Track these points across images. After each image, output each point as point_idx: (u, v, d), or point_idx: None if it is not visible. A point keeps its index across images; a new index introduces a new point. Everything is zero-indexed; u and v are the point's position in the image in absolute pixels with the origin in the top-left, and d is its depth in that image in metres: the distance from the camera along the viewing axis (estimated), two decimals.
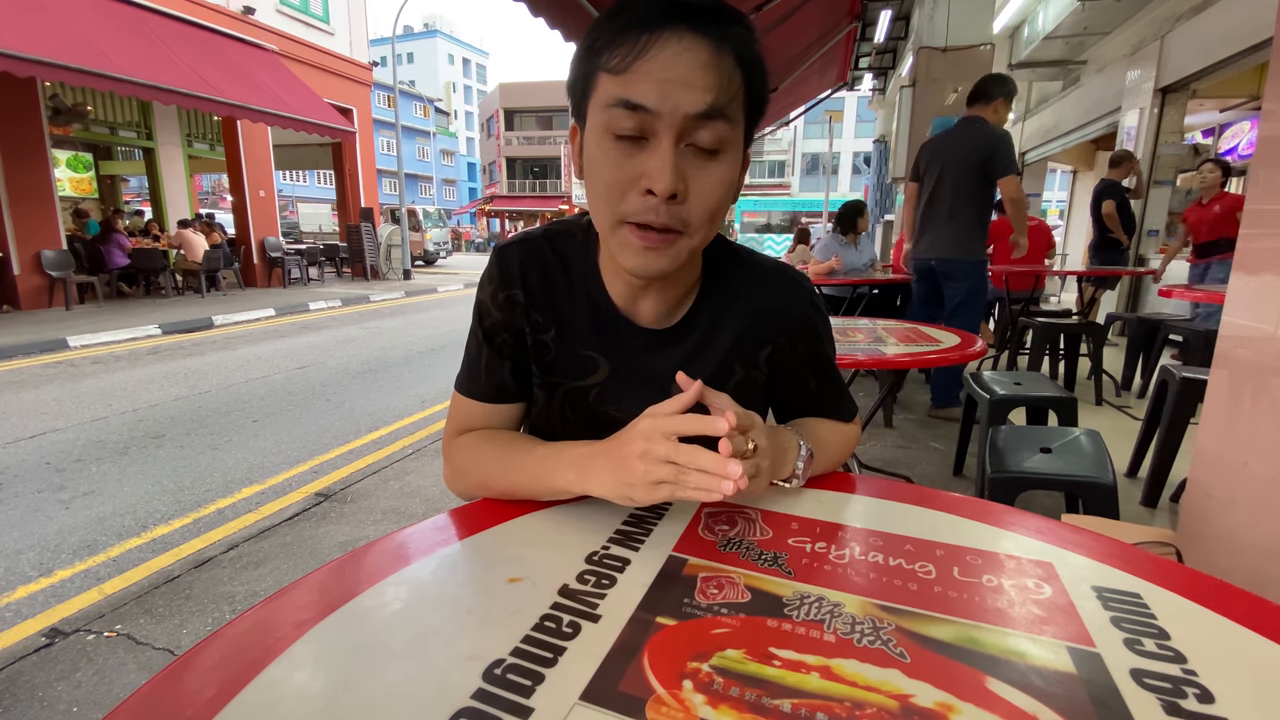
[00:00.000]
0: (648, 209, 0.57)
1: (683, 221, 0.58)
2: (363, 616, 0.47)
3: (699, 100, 0.54)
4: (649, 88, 0.54)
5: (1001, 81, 3.03)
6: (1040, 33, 7.13)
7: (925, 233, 3.20)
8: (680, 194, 0.56)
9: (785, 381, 0.78)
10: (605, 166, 0.57)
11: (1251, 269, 1.28)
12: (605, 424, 0.73)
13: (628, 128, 0.55)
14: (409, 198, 24.24)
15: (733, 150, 0.59)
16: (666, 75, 0.54)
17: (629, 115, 0.55)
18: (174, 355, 5.49)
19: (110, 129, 9.81)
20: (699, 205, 0.58)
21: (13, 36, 5.69)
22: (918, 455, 2.89)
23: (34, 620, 1.79)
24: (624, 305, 0.71)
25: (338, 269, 13.72)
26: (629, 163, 0.57)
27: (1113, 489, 1.37)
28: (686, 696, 0.38)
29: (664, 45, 0.54)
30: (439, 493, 2.63)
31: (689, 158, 0.57)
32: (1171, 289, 3.13)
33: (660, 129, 0.55)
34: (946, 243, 3.11)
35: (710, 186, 0.58)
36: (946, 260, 3.13)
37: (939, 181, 3.08)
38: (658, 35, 0.54)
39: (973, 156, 2.96)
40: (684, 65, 0.54)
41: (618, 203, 0.58)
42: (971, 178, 3.00)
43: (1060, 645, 0.43)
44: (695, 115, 0.55)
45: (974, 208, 3.06)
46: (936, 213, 3.12)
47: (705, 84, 0.54)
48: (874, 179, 13.01)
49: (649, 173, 0.56)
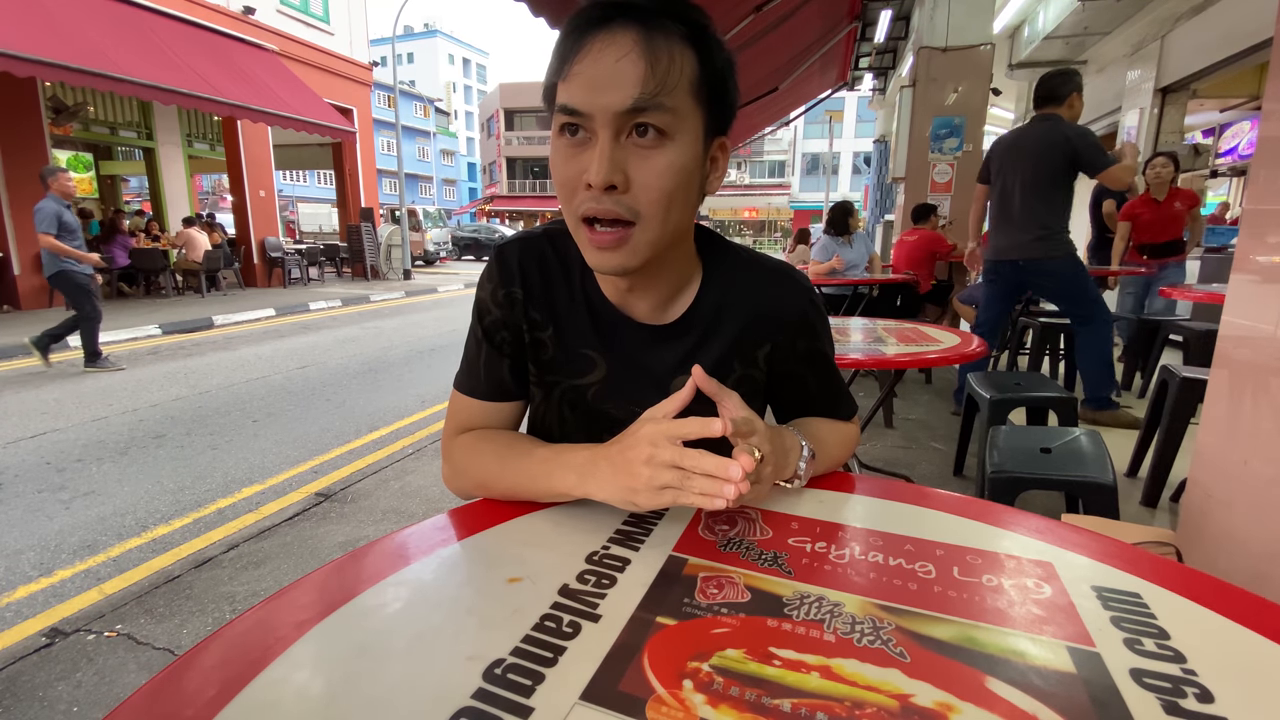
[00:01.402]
0: (593, 201, 0.58)
1: (630, 210, 0.59)
2: (363, 616, 0.47)
3: (624, 96, 0.55)
4: (579, 90, 0.56)
5: (1068, 77, 2.94)
6: (1040, 33, 7.13)
7: (1001, 233, 3.10)
8: (620, 184, 0.57)
9: (784, 380, 0.78)
10: (558, 167, 0.60)
11: (1251, 269, 1.28)
12: (603, 423, 0.73)
13: (570, 130, 0.58)
14: (409, 198, 24.22)
15: (681, 137, 0.58)
16: (593, 75, 0.56)
17: (568, 118, 0.57)
18: (174, 355, 5.49)
19: (110, 129, 9.82)
20: (645, 194, 0.58)
21: (13, 36, 5.70)
22: (918, 455, 2.89)
23: (34, 620, 1.79)
24: (619, 303, 0.72)
25: (338, 269, 13.73)
26: (575, 162, 0.59)
27: (1113, 489, 1.37)
28: (687, 696, 0.38)
29: (592, 46, 0.56)
30: (439, 493, 2.63)
31: (630, 149, 0.58)
32: (1172, 289, 3.14)
33: (595, 128, 0.57)
34: (1028, 244, 3.01)
35: (654, 175, 0.58)
36: (1032, 261, 3.03)
37: (1016, 181, 2.99)
38: (591, 37, 0.56)
39: (1053, 154, 2.88)
40: (610, 61, 0.55)
41: (570, 200, 0.60)
42: (1050, 176, 2.92)
43: (1060, 645, 0.43)
44: (623, 111, 0.56)
45: (1053, 206, 2.97)
46: (1013, 213, 3.02)
47: (632, 78, 0.55)
48: (874, 179, 13.04)
49: (588, 168, 0.57)
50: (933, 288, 4.73)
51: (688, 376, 0.59)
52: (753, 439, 0.59)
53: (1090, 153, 2.83)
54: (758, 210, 34.10)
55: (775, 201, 34.07)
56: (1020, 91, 9.84)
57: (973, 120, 5.45)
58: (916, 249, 4.60)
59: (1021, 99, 9.96)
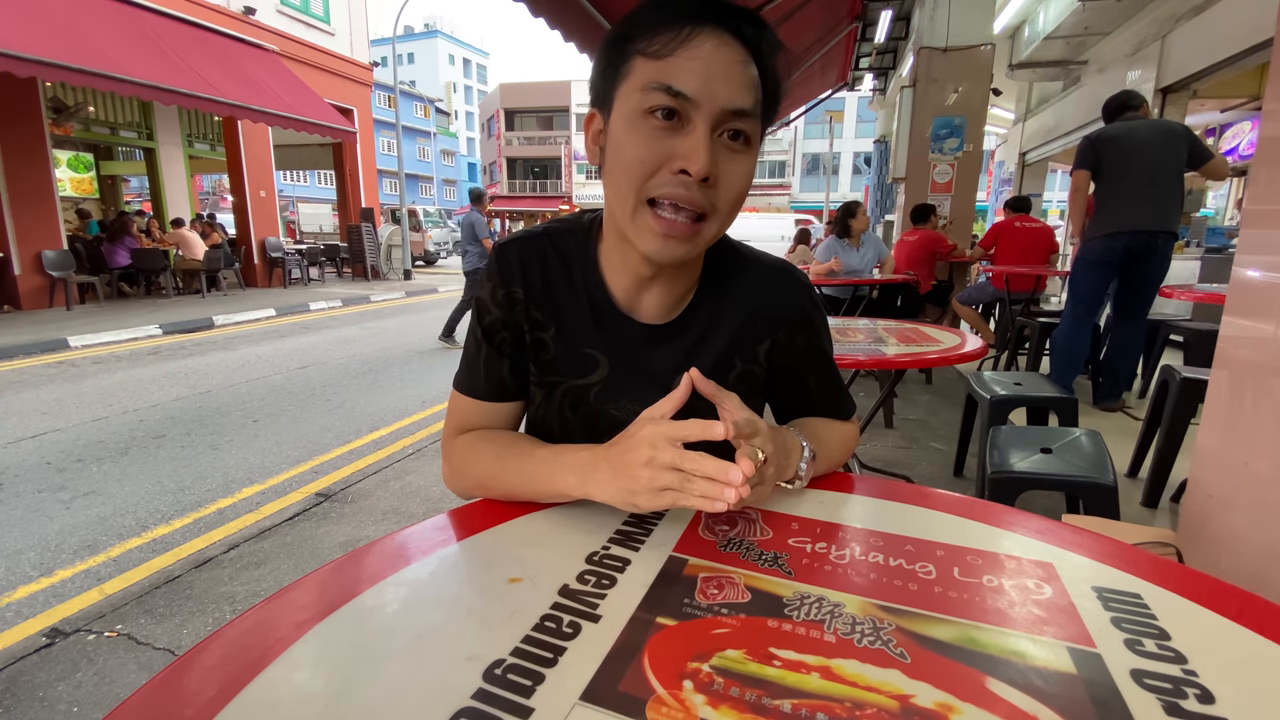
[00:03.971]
0: (679, 186, 0.59)
1: (712, 205, 0.61)
2: (363, 616, 0.46)
3: (736, 96, 0.58)
4: (690, 76, 0.57)
5: (1132, 93, 3.18)
6: (1041, 33, 7.13)
7: (1141, 206, 3.07)
8: (712, 178, 0.59)
9: (784, 377, 0.78)
10: (637, 145, 0.59)
11: (1251, 269, 1.27)
12: (605, 424, 0.73)
13: (665, 110, 0.57)
14: (409, 198, 24.21)
15: (755, 145, 0.62)
16: (707, 67, 0.57)
17: (668, 99, 0.57)
18: (175, 355, 5.49)
19: (111, 129, 9.81)
20: (727, 192, 0.61)
21: (13, 36, 5.69)
22: (918, 455, 2.89)
23: (34, 620, 1.79)
24: (625, 301, 0.72)
25: (338, 269, 13.73)
26: (662, 144, 0.58)
27: (1113, 489, 1.37)
28: (687, 697, 0.38)
29: (706, 39, 0.57)
30: (439, 493, 2.63)
31: (719, 148, 0.59)
32: (1172, 290, 3.13)
33: (696, 116, 0.57)
34: (1174, 219, 3.07)
35: (737, 176, 0.61)
36: (1169, 237, 3.07)
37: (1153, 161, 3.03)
38: (699, 29, 0.57)
39: (1178, 143, 2.98)
40: (724, 61, 0.57)
41: (645, 180, 0.59)
42: (1176, 163, 3.01)
43: (1061, 645, 0.43)
44: (731, 110, 0.58)
45: (1181, 193, 3.09)
46: (1160, 188, 3.05)
47: (741, 81, 0.58)
48: (874, 179, 13.03)
49: (685, 154, 0.57)
50: (933, 288, 4.73)
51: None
52: (755, 440, 0.59)
53: (1202, 145, 3.00)
54: (758, 210, 34.12)
55: (775, 201, 34.06)
56: (1020, 92, 9.84)
57: (973, 120, 5.45)
58: (917, 249, 4.60)
59: (1022, 99, 9.96)
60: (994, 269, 4.52)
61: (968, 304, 4.89)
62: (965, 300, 4.89)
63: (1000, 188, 11.53)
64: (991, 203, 12.59)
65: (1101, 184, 3.13)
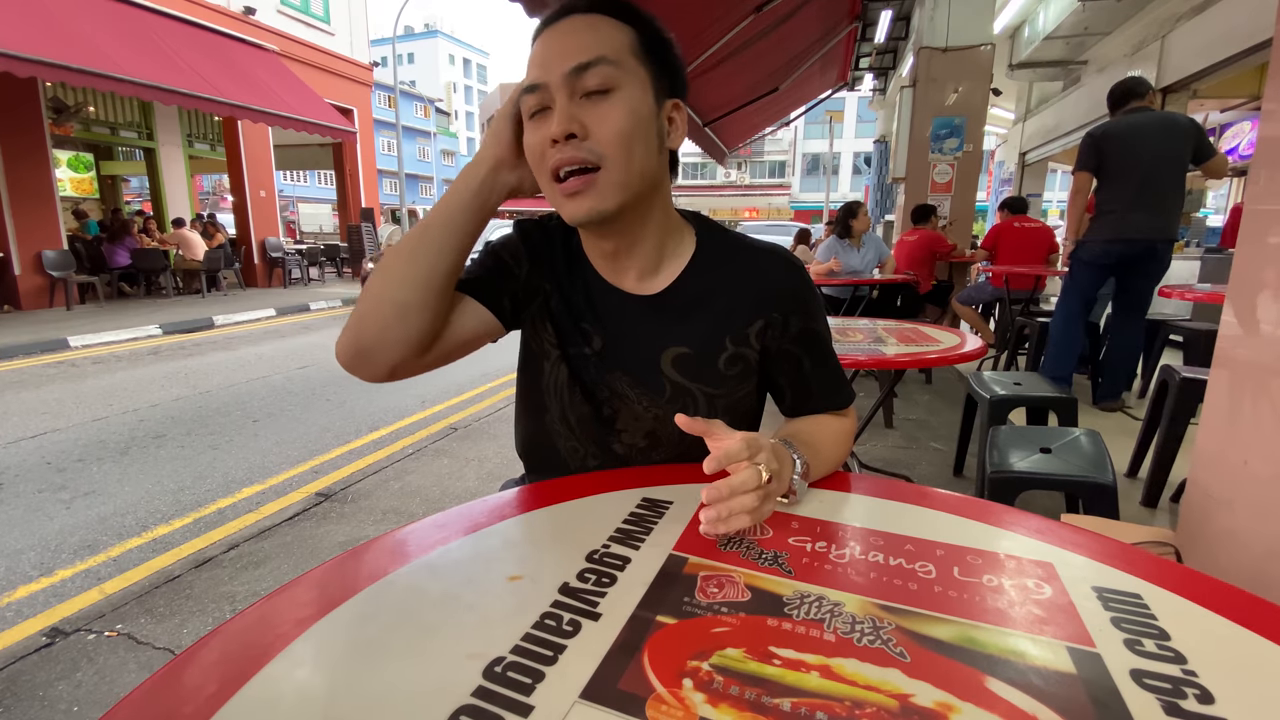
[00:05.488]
0: (555, 153, 0.65)
1: (593, 153, 0.64)
2: (363, 614, 0.47)
3: (572, 56, 0.64)
4: (536, 68, 0.66)
5: (1139, 79, 3.08)
6: (1041, 33, 7.13)
7: (1142, 213, 3.01)
8: (579, 131, 0.64)
9: (779, 360, 0.78)
10: (530, 143, 0.67)
11: (1251, 269, 1.27)
12: (604, 393, 0.77)
13: (533, 106, 0.66)
14: (410, 198, 24.23)
15: (629, 90, 0.65)
16: (546, 51, 0.66)
17: (531, 97, 0.66)
18: (175, 355, 5.49)
19: (111, 129, 9.81)
20: (603, 135, 0.64)
21: (13, 36, 5.69)
22: (918, 455, 2.89)
23: (34, 620, 1.79)
24: (607, 275, 0.77)
25: (338, 269, 13.72)
26: (540, 131, 0.66)
27: (1113, 489, 1.37)
28: (686, 695, 0.38)
29: (550, 32, 0.67)
30: (440, 493, 2.63)
31: (584, 105, 0.64)
32: (1172, 290, 3.13)
33: (554, 95, 0.64)
34: (1171, 226, 3.01)
35: (610, 117, 0.64)
36: (1167, 243, 3.02)
37: (1154, 163, 2.96)
38: (543, 35, 0.67)
39: (1181, 139, 2.91)
40: (559, 35, 0.66)
41: (541, 163, 0.67)
42: (1179, 160, 2.95)
43: (1060, 645, 0.43)
44: (572, 69, 0.63)
45: (1182, 192, 3.02)
46: (1160, 194, 2.98)
47: (577, 45, 0.64)
48: (874, 179, 13.03)
49: (551, 128, 0.64)
50: (933, 288, 4.72)
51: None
52: (759, 456, 0.59)
53: (1208, 142, 2.92)
54: (758, 210, 34.06)
55: (775, 202, 34.06)
56: (1020, 92, 9.84)
57: (973, 120, 5.45)
58: (917, 249, 4.60)
59: (1022, 99, 9.96)
60: (994, 269, 4.53)
61: (967, 304, 4.89)
62: (965, 300, 4.89)
63: (1000, 188, 11.53)
64: (991, 203, 12.58)
65: (1103, 187, 3.09)
